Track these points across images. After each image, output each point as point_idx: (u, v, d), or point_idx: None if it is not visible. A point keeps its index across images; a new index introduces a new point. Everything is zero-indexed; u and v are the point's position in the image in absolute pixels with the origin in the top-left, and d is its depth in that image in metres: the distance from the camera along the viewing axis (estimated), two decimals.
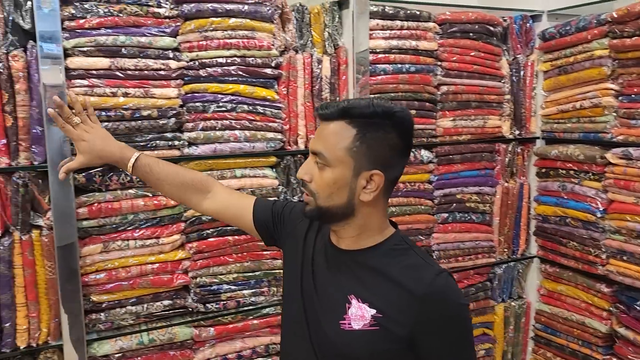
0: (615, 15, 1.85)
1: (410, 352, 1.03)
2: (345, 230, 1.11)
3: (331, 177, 1.05)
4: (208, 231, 1.73)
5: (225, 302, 1.78)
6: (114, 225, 1.62)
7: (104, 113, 1.55)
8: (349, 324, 1.04)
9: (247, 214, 1.36)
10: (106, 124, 1.56)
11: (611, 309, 2.03)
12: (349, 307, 1.06)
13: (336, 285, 1.10)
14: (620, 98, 1.94)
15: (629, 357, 1.95)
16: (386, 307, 1.03)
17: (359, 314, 1.04)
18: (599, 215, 2.00)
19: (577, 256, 2.12)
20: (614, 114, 1.95)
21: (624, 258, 1.93)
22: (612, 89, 1.94)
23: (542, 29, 2.19)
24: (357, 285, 1.07)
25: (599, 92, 1.98)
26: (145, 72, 1.60)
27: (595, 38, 1.95)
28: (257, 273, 1.81)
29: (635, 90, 1.87)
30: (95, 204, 1.58)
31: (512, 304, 2.34)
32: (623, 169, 1.89)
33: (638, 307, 1.91)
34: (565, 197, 2.14)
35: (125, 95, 1.57)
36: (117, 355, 1.66)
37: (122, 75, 1.57)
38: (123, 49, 1.56)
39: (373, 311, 1.03)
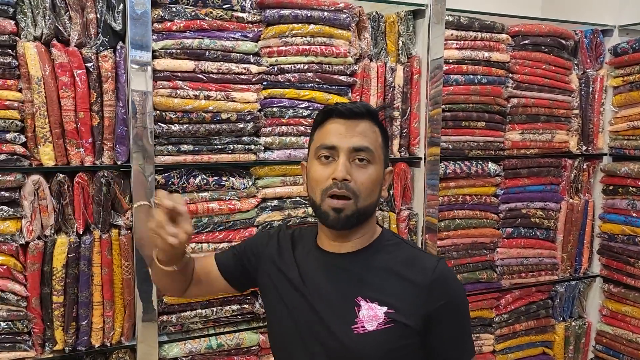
0: None
1: (422, 347, 1.03)
2: (357, 231, 1.09)
3: (374, 174, 1.06)
4: None
5: None
6: None
7: (185, 115, 1.56)
8: (362, 326, 1.02)
9: (213, 270, 1.24)
10: (187, 125, 1.57)
11: None
12: (358, 310, 1.03)
13: (339, 291, 1.06)
14: None
15: None
16: (396, 302, 1.02)
17: (371, 315, 1.02)
18: None
19: None
20: None
21: None
22: None
23: (613, 44, 2.16)
24: (362, 286, 1.05)
25: None
26: (227, 75, 1.60)
27: None
28: None
29: None
30: None
31: (573, 323, 2.28)
32: None
33: None
34: (635, 215, 2.09)
35: (207, 98, 1.58)
36: (185, 358, 1.65)
37: (205, 78, 1.58)
38: (207, 52, 1.57)
39: (384, 308, 1.02)
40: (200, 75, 1.58)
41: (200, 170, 1.63)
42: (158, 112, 1.54)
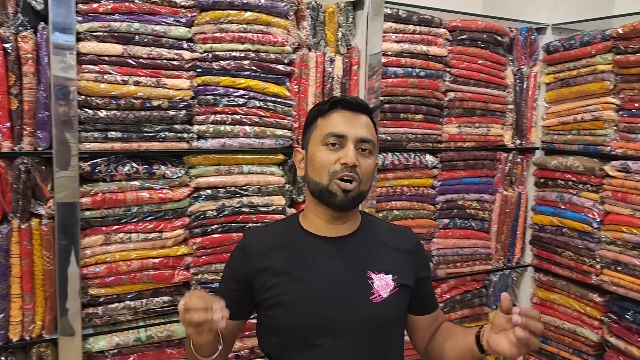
0: (621, 32, 1.89)
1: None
2: (350, 214, 1.20)
3: (373, 164, 1.19)
4: (212, 227, 1.70)
5: None
6: (117, 217, 1.57)
7: (113, 101, 1.51)
8: (379, 294, 1.16)
9: (228, 326, 1.14)
10: (115, 112, 1.52)
11: (603, 318, 2.07)
12: (372, 282, 1.16)
13: (350, 270, 1.17)
14: (620, 112, 1.98)
15: None
16: (397, 269, 1.20)
17: (384, 284, 1.17)
18: (595, 226, 2.04)
19: (571, 265, 2.15)
20: (614, 127, 2.00)
21: (619, 268, 1.97)
22: (613, 103, 1.99)
23: (546, 41, 2.23)
24: (368, 262, 1.19)
25: (600, 105, 2.02)
26: (158, 61, 1.56)
27: (599, 53, 2.00)
28: None
29: (636, 105, 1.92)
30: (99, 194, 1.53)
31: None
32: (621, 181, 1.94)
33: (630, 317, 1.95)
34: (563, 207, 2.17)
35: (137, 83, 1.53)
36: (112, 351, 1.60)
37: (134, 63, 1.52)
38: (137, 37, 1.51)
39: (391, 276, 1.18)
40: (130, 60, 1.52)
41: (130, 158, 1.58)
42: (83, 97, 1.48)
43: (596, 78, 2.03)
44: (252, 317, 1.26)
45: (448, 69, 2.04)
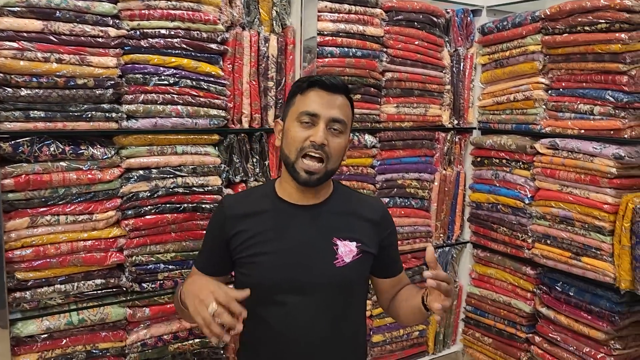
0: (548, 13, 1.96)
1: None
2: (322, 187, 1.32)
3: (343, 143, 1.28)
4: (146, 208, 1.68)
5: (162, 281, 1.73)
6: (43, 199, 1.53)
7: (34, 79, 1.46)
8: (342, 259, 1.29)
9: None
10: (37, 90, 1.47)
11: (535, 290, 2.16)
12: (337, 248, 1.29)
13: (318, 235, 1.30)
14: (549, 92, 2.05)
15: (550, 335, 2.08)
16: (362, 237, 1.33)
17: (347, 250, 1.30)
18: (527, 202, 2.12)
19: (506, 241, 2.23)
20: (544, 106, 2.07)
21: (548, 242, 2.06)
22: (542, 83, 2.06)
23: (482, 23, 2.28)
24: (334, 229, 1.31)
25: (530, 85, 2.09)
26: (82, 38, 1.52)
27: (530, 34, 2.06)
28: (196, 253, 1.77)
29: (564, 84, 1.99)
30: (23, 176, 1.49)
31: None
32: (550, 158, 2.01)
33: (559, 288, 2.04)
34: (498, 184, 2.25)
35: (59, 61, 1.49)
36: (43, 335, 1.57)
37: (56, 39, 1.48)
38: (58, 12, 1.47)
39: (355, 243, 1.31)
40: (51, 37, 1.48)
41: (55, 138, 1.54)
42: (2, 74, 1.43)
43: (527, 58, 2.09)
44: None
45: (385, 49, 2.07)
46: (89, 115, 1.55)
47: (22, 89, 1.46)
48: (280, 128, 1.33)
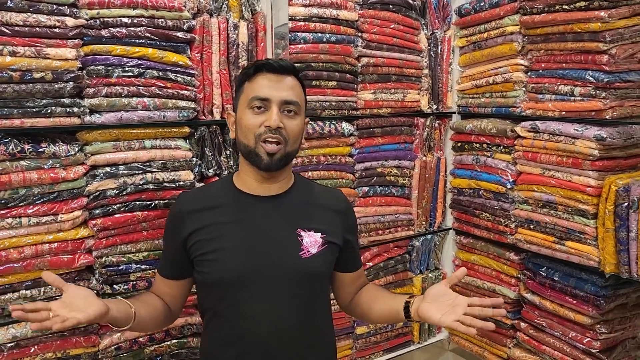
0: None
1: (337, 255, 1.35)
2: (281, 174, 1.28)
3: (300, 125, 1.25)
4: (114, 206, 1.60)
5: (134, 282, 1.66)
6: (3, 201, 1.45)
7: None
8: (308, 250, 1.25)
9: (172, 286, 1.38)
10: None
11: (519, 275, 2.14)
12: (301, 239, 1.26)
13: (281, 226, 1.26)
14: (529, 73, 2.01)
15: (535, 320, 2.06)
16: (326, 227, 1.30)
17: (312, 241, 1.26)
18: (509, 186, 2.08)
19: (489, 226, 2.20)
20: (524, 88, 2.03)
21: (531, 227, 2.03)
22: (521, 65, 2.01)
23: (459, 4, 2.23)
24: (299, 220, 1.28)
25: (510, 67, 2.05)
26: (37, 29, 1.42)
27: (507, 14, 2.01)
28: None
29: (543, 65, 1.95)
30: None
31: (429, 275, 2.40)
32: (531, 141, 1.98)
33: (543, 273, 2.02)
34: (479, 169, 2.21)
35: (13, 54, 1.39)
36: (9, 344, 1.49)
37: (8, 31, 1.39)
38: (9, 2, 1.37)
39: (320, 234, 1.28)
40: (3, 28, 1.38)
41: (12, 136, 1.45)
42: None
43: (505, 40, 2.05)
44: None
45: (360, 34, 2.00)
46: (49, 111, 1.47)
47: None
48: (232, 119, 1.31)
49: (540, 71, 1.96)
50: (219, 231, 1.25)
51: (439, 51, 2.25)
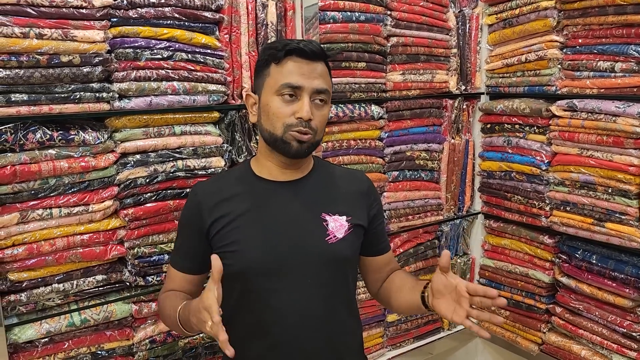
0: None
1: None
2: (305, 160, 1.25)
3: (327, 113, 1.21)
4: (146, 195, 1.54)
5: (167, 273, 1.60)
6: (33, 192, 1.39)
7: (13, 58, 1.31)
8: (335, 235, 1.20)
9: (192, 280, 1.30)
10: (17, 71, 1.31)
11: (553, 259, 2.09)
12: (327, 224, 1.21)
13: (306, 212, 1.21)
14: (564, 50, 1.95)
15: (571, 304, 2.02)
16: (351, 210, 1.25)
17: (338, 225, 1.21)
18: (543, 168, 2.02)
19: (521, 210, 2.15)
20: (559, 66, 1.97)
21: (568, 209, 1.98)
22: (557, 41, 1.95)
23: None
24: (322, 204, 1.23)
25: (544, 44, 1.98)
26: (64, 9, 1.35)
27: None
28: None
29: (580, 41, 1.88)
30: (8, 167, 1.34)
31: (458, 260, 2.36)
32: (567, 120, 1.92)
33: (579, 256, 1.97)
34: (510, 151, 2.15)
35: (40, 36, 1.33)
36: (43, 339, 1.45)
37: (34, 12, 1.32)
38: None
39: (345, 217, 1.23)
40: (28, 9, 1.31)
41: (41, 123, 1.39)
42: None
43: (539, 16, 1.97)
44: None
45: (389, 12, 1.93)
46: (77, 97, 1.40)
47: (1, 69, 1.30)
48: (253, 101, 1.22)
49: (578, 47, 1.89)
50: (240, 221, 1.18)
51: (467, 29, 2.18)
